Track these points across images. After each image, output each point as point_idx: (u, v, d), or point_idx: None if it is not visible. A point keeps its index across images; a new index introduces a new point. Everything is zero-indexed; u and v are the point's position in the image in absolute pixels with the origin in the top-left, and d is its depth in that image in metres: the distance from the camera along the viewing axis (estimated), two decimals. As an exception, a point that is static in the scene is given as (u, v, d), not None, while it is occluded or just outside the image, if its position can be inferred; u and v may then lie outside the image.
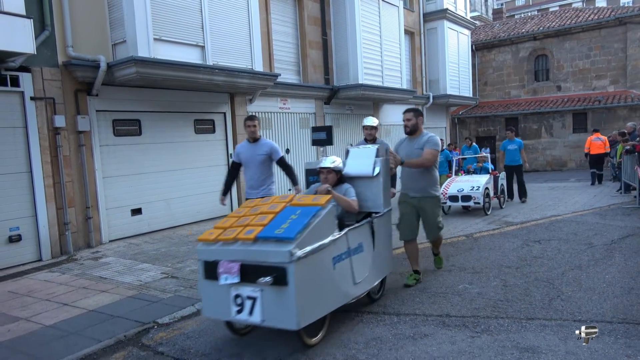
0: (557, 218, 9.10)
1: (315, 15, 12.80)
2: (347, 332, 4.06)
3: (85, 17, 7.78)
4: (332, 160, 4.64)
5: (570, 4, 41.35)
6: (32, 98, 7.11)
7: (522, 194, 11.72)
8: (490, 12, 36.89)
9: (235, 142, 10.57)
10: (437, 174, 5.40)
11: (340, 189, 4.56)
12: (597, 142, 15.06)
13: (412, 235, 5.38)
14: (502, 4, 44.54)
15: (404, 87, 15.28)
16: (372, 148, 4.97)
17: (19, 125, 7.03)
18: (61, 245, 7.50)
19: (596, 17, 21.23)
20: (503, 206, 10.91)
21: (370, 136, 6.53)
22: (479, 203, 9.75)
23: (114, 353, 3.95)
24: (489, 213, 9.94)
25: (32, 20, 6.43)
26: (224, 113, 10.43)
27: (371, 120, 6.57)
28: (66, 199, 7.53)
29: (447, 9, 17.87)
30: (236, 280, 3.44)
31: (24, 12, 6.42)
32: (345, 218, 4.63)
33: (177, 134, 9.41)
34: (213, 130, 10.23)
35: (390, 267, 5.10)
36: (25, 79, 7.05)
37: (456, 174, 12.02)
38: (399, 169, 5.42)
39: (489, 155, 12.16)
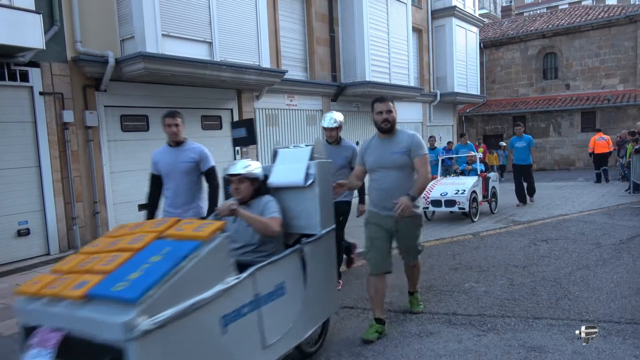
0: (564, 217, 9.05)
1: (323, 12, 12.77)
2: (353, 329, 4.06)
3: (94, 13, 7.81)
4: (244, 164, 3.44)
5: (580, 1, 40.99)
6: (41, 93, 7.16)
7: (531, 192, 11.07)
8: (498, 9, 36.67)
9: (242, 139, 10.58)
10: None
11: (257, 204, 3.42)
12: (601, 142, 15.06)
13: (386, 267, 3.98)
14: (510, 2, 44.24)
15: (412, 84, 15.22)
16: (305, 148, 3.74)
17: (27, 120, 7.08)
18: (69, 239, 7.55)
19: (606, 15, 21.03)
20: (495, 211, 10.02)
21: (332, 139, 5.18)
22: (463, 208, 8.83)
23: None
24: (475, 220, 9.07)
25: (41, 15, 6.47)
26: (231, 109, 10.45)
27: (330, 120, 5.12)
28: (74, 194, 7.58)
29: (455, 6, 17.76)
30: (46, 358, 2.15)
31: (33, 7, 6.46)
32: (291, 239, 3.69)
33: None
34: (220, 127, 10.25)
35: (336, 306, 3.89)
36: (34, 74, 7.10)
37: (446, 174, 11.17)
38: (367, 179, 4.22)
39: (479, 154, 10.81)
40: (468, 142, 11.99)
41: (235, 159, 10.48)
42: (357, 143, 13.87)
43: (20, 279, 6.06)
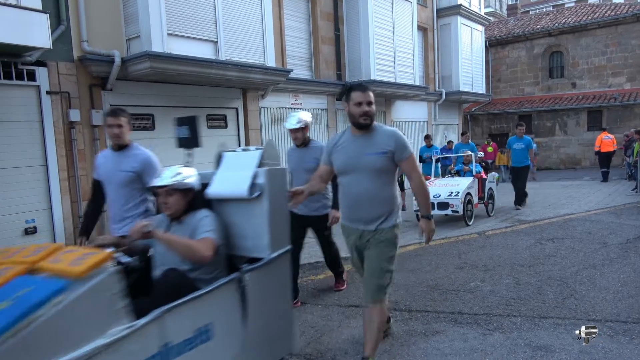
0: (570, 217, 9.01)
1: (328, 10, 12.76)
2: (358, 328, 4.06)
3: (100, 12, 7.84)
4: (172, 172, 2.94)
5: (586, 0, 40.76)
6: (47, 92, 7.19)
7: (519, 198, 10.37)
8: (504, 7, 36.51)
9: (247, 138, 10.61)
10: (396, 188, 3.29)
11: (190, 221, 2.86)
12: (607, 140, 15.07)
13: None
14: (516, 0, 44.04)
15: (417, 83, 15.18)
16: (253, 152, 3.09)
17: (35, 119, 7.12)
18: (75, 238, 7.58)
19: (613, 13, 20.89)
20: (491, 214, 9.70)
21: (299, 141, 4.62)
22: (457, 212, 8.45)
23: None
24: (470, 223, 8.66)
25: (48, 14, 6.49)
26: (236, 108, 10.46)
27: (294, 120, 4.51)
28: (80, 193, 7.61)
29: (460, 5, 17.70)
30: None
31: (40, 7, 6.48)
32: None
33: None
34: (225, 126, 10.27)
35: (291, 345, 3.18)
36: (41, 73, 7.13)
37: (447, 174, 10.49)
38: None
39: (475, 155, 10.15)
40: (470, 141, 11.51)
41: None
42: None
43: (27, 277, 6.10)
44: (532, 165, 10.58)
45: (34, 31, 6.26)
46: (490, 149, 16.84)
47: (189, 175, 2.96)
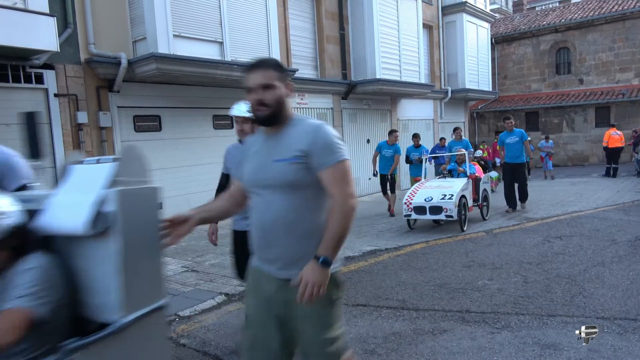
0: (578, 214, 8.95)
1: (333, 10, 12.76)
2: (366, 327, 4.07)
3: (107, 15, 7.90)
4: None
5: (593, -5, 40.36)
6: (55, 95, 7.27)
7: (522, 196, 9.66)
8: (510, 4, 36.26)
9: (253, 138, 10.62)
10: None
11: (10, 276, 1.86)
12: (615, 136, 15.03)
13: None
14: (522, -4, 43.70)
15: (422, 81, 15.14)
16: (103, 165, 2.04)
17: (43, 122, 7.18)
18: (84, 239, 7.65)
19: (620, 8, 20.70)
20: (486, 217, 8.91)
21: (244, 135, 3.55)
22: (451, 216, 7.69)
23: (137, 344, 4.03)
24: (465, 229, 7.95)
25: (55, 18, 6.56)
26: (242, 108, 10.48)
27: (246, 108, 3.44)
28: (89, 194, 7.67)
29: (466, 2, 17.62)
30: None
31: (47, 10, 6.55)
32: None
33: (196, 130, 9.51)
34: (231, 126, 10.28)
35: None
36: (49, 76, 7.20)
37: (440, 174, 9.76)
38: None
39: (469, 153, 9.52)
40: (463, 137, 10.79)
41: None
42: (368, 141, 13.87)
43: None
44: (530, 158, 9.81)
45: (41, 34, 6.33)
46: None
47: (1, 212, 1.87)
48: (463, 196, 8.04)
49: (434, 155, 11.09)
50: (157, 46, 7.70)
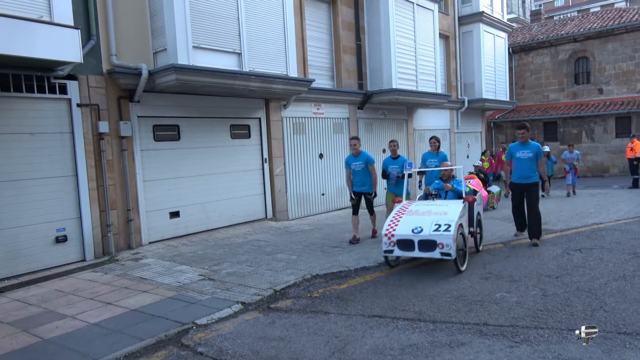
0: (599, 226, 8.80)
1: (350, 20, 12.85)
2: (382, 338, 4.06)
3: (129, 27, 8.08)
4: None
5: (613, 4, 39.95)
6: (78, 105, 7.43)
7: (534, 229, 7.50)
8: (527, 13, 36.08)
9: (270, 147, 10.72)
10: None
11: None
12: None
13: None
14: (540, 5, 43.43)
15: (439, 91, 15.12)
16: None
17: (66, 131, 7.36)
18: (103, 246, 7.78)
19: (641, 17, 20.45)
20: (480, 247, 7.17)
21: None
22: (449, 254, 5.75)
23: (156, 352, 4.08)
24: (463, 269, 6.04)
25: (79, 30, 6.73)
26: (259, 118, 10.60)
27: None
28: (109, 202, 7.81)
29: (483, 12, 17.59)
30: None
31: (72, 23, 6.72)
32: None
33: (214, 139, 9.62)
34: (248, 136, 10.41)
35: None
36: (72, 86, 7.38)
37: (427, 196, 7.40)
38: None
39: (457, 168, 7.80)
40: (441, 150, 9.06)
41: (262, 167, 10.63)
42: (384, 151, 13.86)
43: (58, 284, 6.28)
44: (543, 181, 8.09)
45: (66, 46, 6.50)
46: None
47: None
48: (461, 225, 6.19)
49: (420, 170, 8.75)
50: (177, 57, 7.84)
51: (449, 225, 5.85)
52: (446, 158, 8.64)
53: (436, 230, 5.85)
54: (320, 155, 12.08)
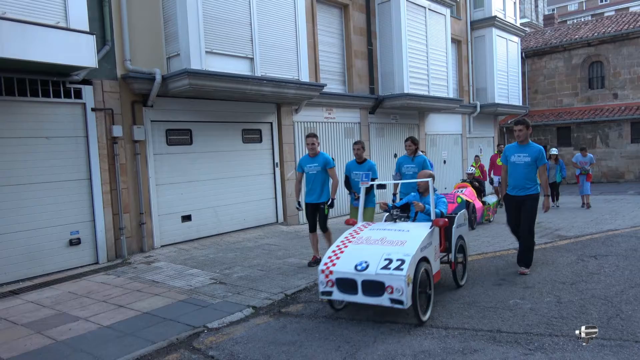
0: (614, 232, 8.67)
1: (361, 25, 12.87)
2: (394, 344, 4.03)
3: (143, 33, 8.18)
4: None
5: (627, 8, 39.51)
6: (93, 109, 7.52)
7: (524, 257, 6.11)
8: (540, 18, 35.82)
9: (281, 152, 10.75)
10: None
11: None
12: None
13: None
14: (553, 10, 43.13)
15: (451, 96, 15.05)
16: None
17: (80, 135, 7.44)
18: (116, 249, 7.84)
19: (657, 21, 20.18)
20: (462, 281, 5.64)
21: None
22: (400, 302, 4.22)
23: (167, 355, 4.10)
24: (425, 318, 4.51)
25: (95, 36, 6.82)
26: (271, 123, 10.64)
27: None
28: (122, 205, 7.88)
29: (495, 17, 17.50)
30: None
31: (87, 29, 6.81)
32: None
33: (226, 144, 9.68)
34: (260, 140, 10.45)
35: None
36: (87, 91, 7.47)
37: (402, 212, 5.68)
38: None
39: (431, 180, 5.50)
40: (420, 152, 7.43)
41: (274, 172, 10.66)
42: (395, 155, 13.82)
43: (72, 287, 6.34)
44: (544, 191, 6.21)
45: (81, 52, 6.59)
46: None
47: None
48: (424, 259, 4.59)
49: (394, 182, 6.71)
50: (190, 62, 7.91)
51: (402, 262, 4.28)
52: (426, 163, 7.09)
53: (385, 267, 4.29)
54: (332, 160, 12.06)
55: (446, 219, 5.10)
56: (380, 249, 4.60)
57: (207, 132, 9.33)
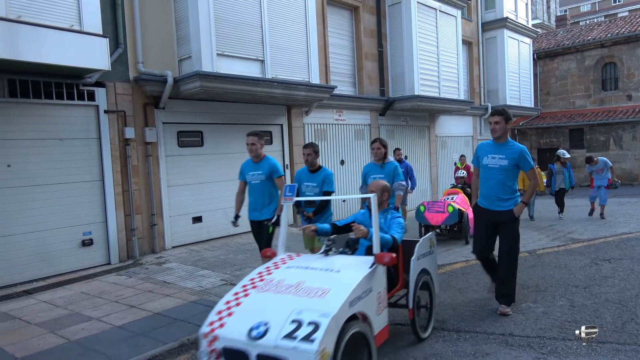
0: (628, 236, 8.55)
1: (372, 27, 12.86)
2: (405, 347, 4.01)
3: (155, 35, 8.25)
4: None
5: (642, 8, 39.02)
6: (105, 111, 7.60)
7: (505, 291, 4.71)
8: (552, 19, 35.52)
9: (291, 154, 10.77)
10: None
11: None
12: None
13: None
14: (565, 11, 42.76)
15: (462, 97, 14.97)
16: None
17: (93, 137, 7.52)
18: (128, 250, 7.91)
19: (672, 21, 19.90)
20: (425, 334, 4.19)
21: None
22: None
23: (179, 355, 4.12)
24: None
25: (108, 39, 6.89)
26: (281, 125, 10.67)
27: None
28: (134, 206, 7.95)
29: (507, 18, 17.40)
30: None
31: (100, 32, 6.89)
32: None
33: (236, 145, 9.70)
34: (270, 142, 10.47)
35: None
36: (99, 93, 7.56)
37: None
38: None
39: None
40: (392, 158, 6.10)
41: (284, 173, 10.68)
42: (406, 157, 13.77)
43: (84, 287, 6.40)
44: (523, 200, 4.68)
45: (94, 54, 6.66)
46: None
47: None
48: (354, 317, 3.14)
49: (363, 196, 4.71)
50: (202, 64, 7.96)
51: (316, 327, 2.82)
52: (397, 172, 5.78)
53: (290, 335, 2.83)
54: (342, 162, 12.07)
55: (394, 255, 3.50)
56: (291, 301, 3.11)
57: (218, 134, 9.38)
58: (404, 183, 5.25)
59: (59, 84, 7.07)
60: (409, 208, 10.25)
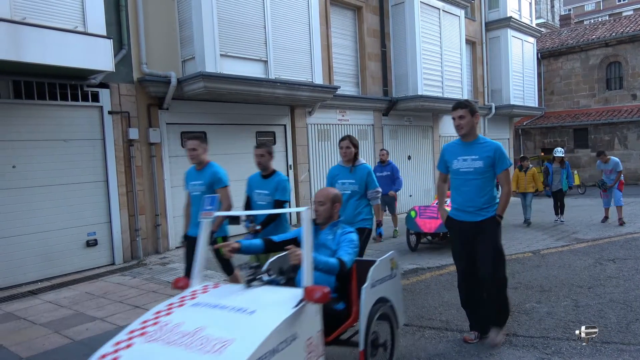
0: (633, 235, 8.52)
1: (375, 27, 12.86)
2: (409, 347, 4.01)
3: (159, 36, 8.28)
4: None
5: (647, 7, 38.85)
6: (109, 112, 7.64)
7: (498, 317, 3.91)
8: (557, 18, 35.39)
9: (295, 154, 10.78)
10: None
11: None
12: None
13: None
14: (569, 10, 42.63)
15: (465, 97, 14.94)
16: None
17: (97, 138, 7.56)
18: (132, 250, 7.94)
19: (677, 20, 19.83)
20: None
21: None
22: None
23: (182, 356, 4.12)
24: None
25: (112, 40, 6.92)
26: (285, 125, 10.68)
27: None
28: (138, 207, 7.98)
29: (510, 17, 17.35)
30: None
31: (105, 33, 6.92)
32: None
33: (240, 146, 9.73)
34: (274, 142, 10.48)
35: None
36: (104, 94, 7.59)
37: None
38: None
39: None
40: (361, 160, 4.97)
41: (287, 174, 10.69)
42: (409, 157, 13.77)
43: (89, 287, 6.43)
44: (498, 213, 3.85)
45: (98, 56, 6.69)
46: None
47: None
48: None
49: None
50: (205, 65, 7.98)
51: None
52: (371, 177, 4.81)
53: None
54: (345, 162, 12.05)
55: (326, 290, 2.61)
56: (181, 357, 2.26)
57: (221, 135, 9.40)
58: (379, 190, 4.72)
59: (63, 85, 7.10)
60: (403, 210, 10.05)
